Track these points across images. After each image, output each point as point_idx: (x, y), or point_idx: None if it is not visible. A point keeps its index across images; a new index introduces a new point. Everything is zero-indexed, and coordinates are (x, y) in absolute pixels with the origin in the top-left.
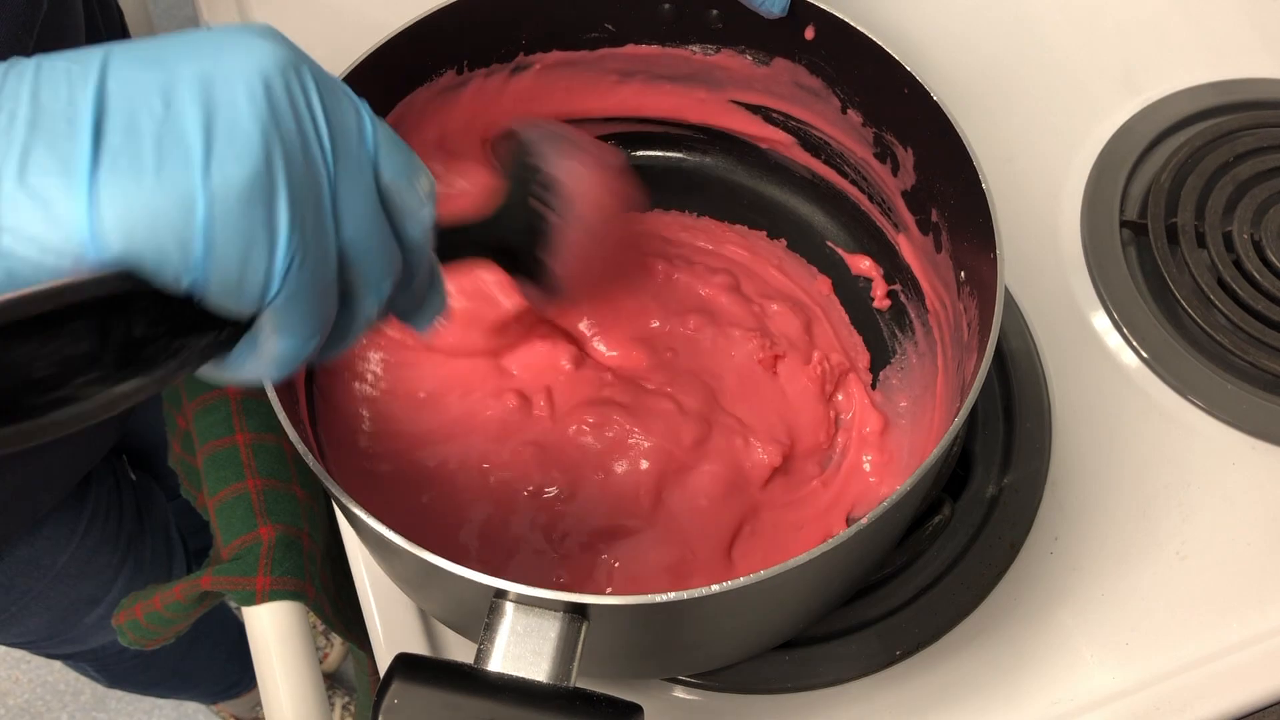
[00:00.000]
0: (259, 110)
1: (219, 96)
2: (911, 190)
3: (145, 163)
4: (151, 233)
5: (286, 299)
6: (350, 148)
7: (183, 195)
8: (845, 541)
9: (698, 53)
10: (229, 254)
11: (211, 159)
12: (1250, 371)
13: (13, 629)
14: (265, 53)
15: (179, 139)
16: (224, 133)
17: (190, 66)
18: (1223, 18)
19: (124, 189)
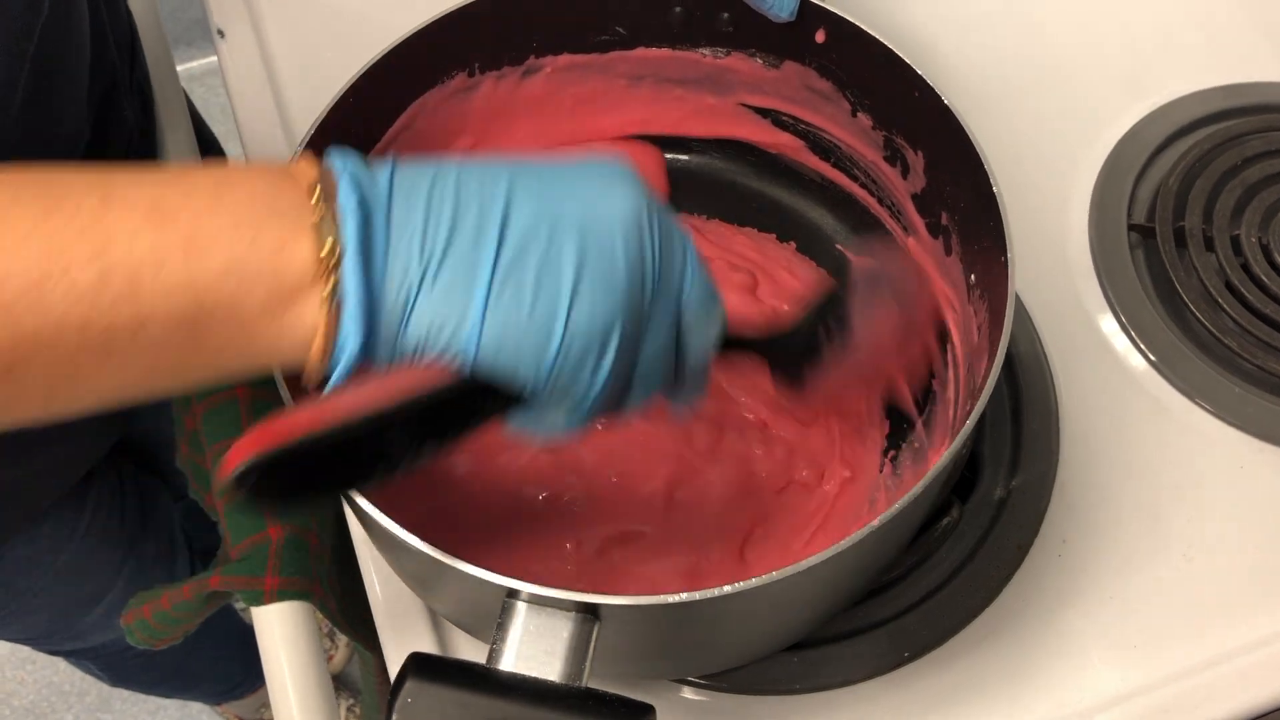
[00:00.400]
0: (619, 263)
1: (594, 241)
2: (922, 193)
3: (526, 292)
4: (514, 351)
5: (585, 403)
6: (671, 286)
7: (547, 329)
8: (856, 544)
9: (708, 56)
10: (564, 377)
11: (576, 299)
12: (1258, 375)
13: (13, 626)
14: (632, 200)
15: (555, 275)
16: (591, 277)
17: (574, 205)
18: (1230, 22)
19: (507, 312)
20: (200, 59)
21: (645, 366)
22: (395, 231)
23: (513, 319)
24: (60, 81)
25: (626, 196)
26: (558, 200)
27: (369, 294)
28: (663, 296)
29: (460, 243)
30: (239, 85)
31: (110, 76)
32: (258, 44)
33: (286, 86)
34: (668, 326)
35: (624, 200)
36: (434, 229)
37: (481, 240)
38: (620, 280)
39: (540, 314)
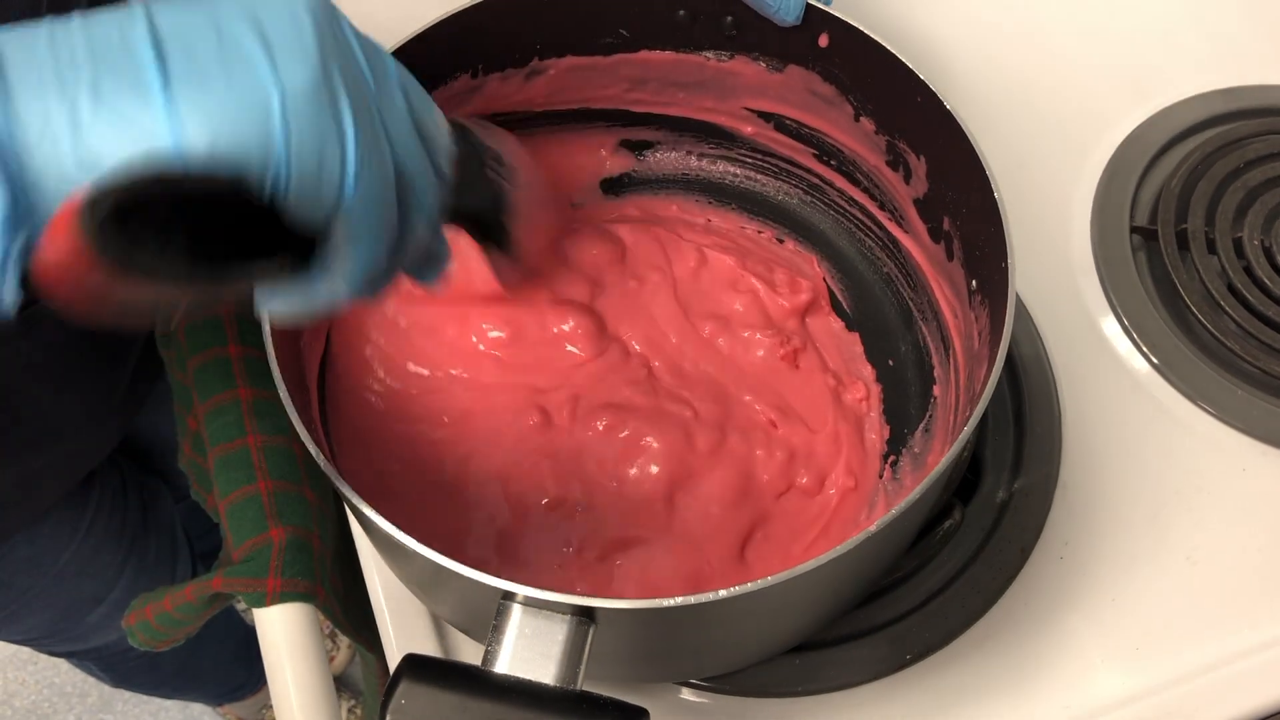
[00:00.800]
0: (308, 28)
1: (267, 21)
2: (924, 198)
3: (213, 76)
4: (234, 133)
5: (359, 201)
6: (386, 75)
7: (257, 96)
8: (852, 550)
9: (711, 59)
10: (307, 149)
11: (276, 64)
12: (1260, 377)
13: (15, 626)
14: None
15: (240, 54)
16: (281, 44)
17: (232, 5)
18: (1232, 24)
19: (199, 98)
20: None
21: (404, 167)
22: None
23: (211, 102)
24: None
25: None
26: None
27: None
28: (382, 82)
29: (108, 57)
30: None
31: None
32: None
33: None
34: (403, 119)
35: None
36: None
37: (131, 47)
38: (319, 37)
39: (241, 89)
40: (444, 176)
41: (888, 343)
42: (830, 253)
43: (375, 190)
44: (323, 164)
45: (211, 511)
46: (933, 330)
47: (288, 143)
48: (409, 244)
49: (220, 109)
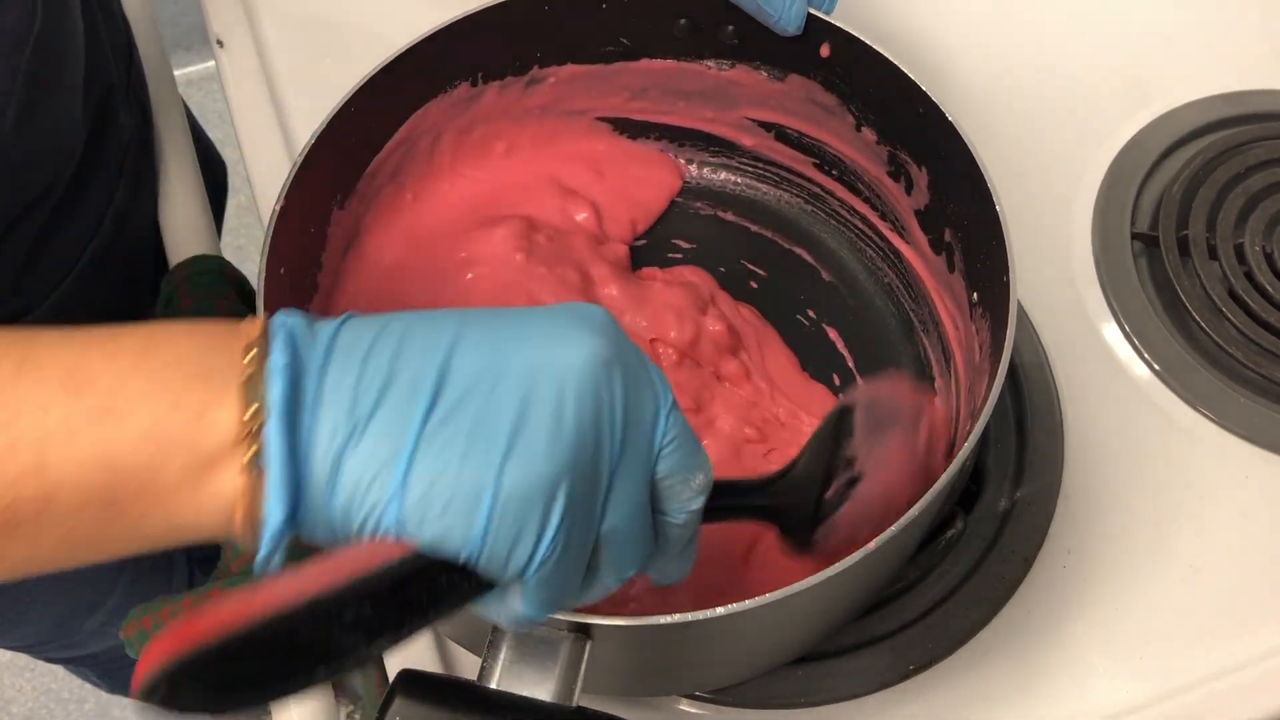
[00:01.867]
0: (567, 418)
1: (538, 394)
2: (925, 209)
3: (455, 448)
4: (441, 515)
5: (538, 580)
6: (639, 446)
7: (477, 486)
8: (851, 566)
9: (712, 68)
10: (501, 542)
11: (511, 457)
12: (1263, 384)
13: (12, 633)
14: (591, 346)
15: (491, 429)
16: (530, 433)
17: (524, 353)
18: (1233, 30)
19: (433, 470)
20: (198, 64)
21: (613, 538)
22: (328, 392)
23: (439, 477)
24: (55, 91)
25: (585, 342)
26: (507, 348)
27: (293, 459)
28: (629, 454)
29: (393, 397)
30: (239, 95)
31: (106, 84)
32: (257, 54)
33: (287, 97)
34: (636, 491)
35: (581, 346)
36: (367, 384)
37: (415, 393)
38: (568, 433)
39: (470, 471)
40: (679, 533)
41: (888, 354)
42: (831, 262)
43: (562, 572)
44: (512, 555)
45: None
46: (934, 342)
47: (484, 537)
48: (590, 595)
49: (445, 488)
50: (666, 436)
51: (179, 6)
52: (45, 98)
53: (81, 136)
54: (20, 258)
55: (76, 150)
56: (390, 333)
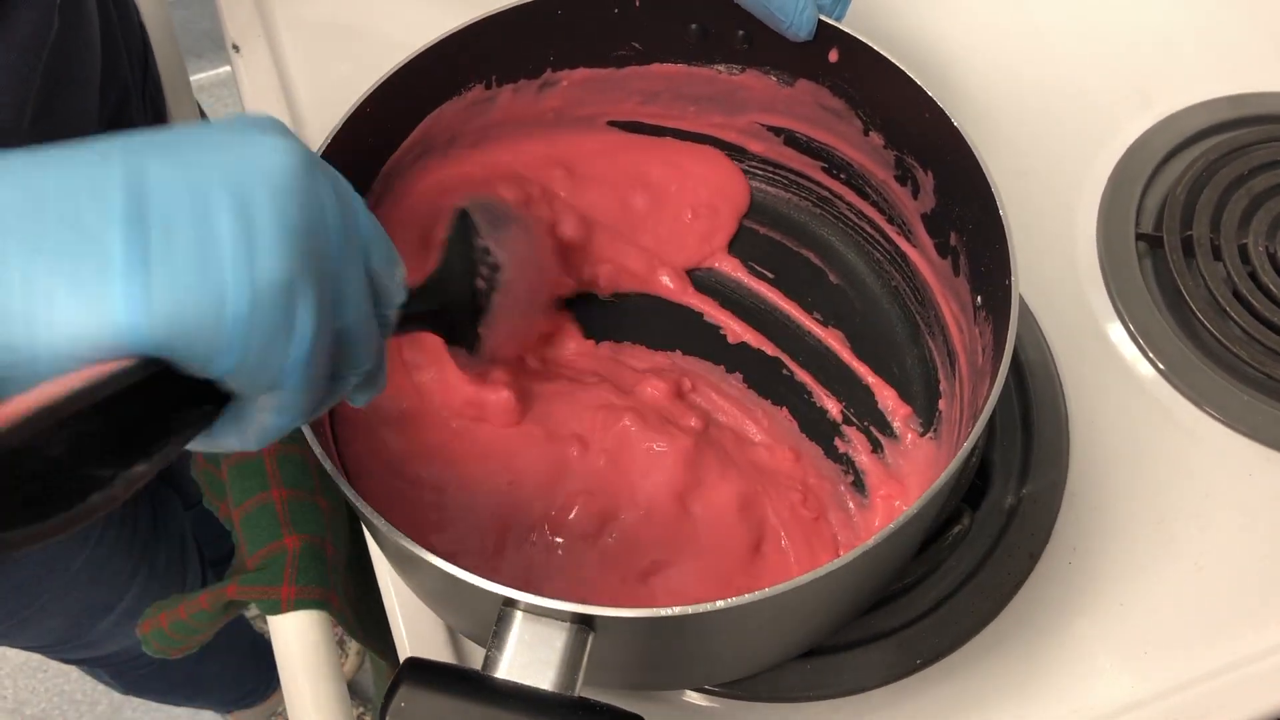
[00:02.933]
0: (290, 212)
1: (252, 192)
2: (931, 213)
3: (186, 260)
4: (186, 327)
5: (291, 385)
6: (354, 238)
7: (219, 292)
8: (851, 562)
9: (723, 72)
10: (256, 346)
11: (254, 253)
12: (1266, 383)
13: (27, 632)
14: (286, 153)
15: (217, 238)
16: (262, 233)
17: (218, 168)
18: (1238, 32)
19: (161, 286)
20: (210, 70)
21: (348, 335)
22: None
23: (178, 290)
24: (71, 95)
25: (282, 145)
26: (199, 164)
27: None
28: (350, 248)
29: (84, 225)
30: (254, 99)
31: (122, 89)
32: (272, 58)
33: (302, 100)
34: (360, 286)
35: (280, 150)
36: (39, 219)
37: (107, 216)
38: (298, 229)
39: (210, 279)
40: (388, 326)
41: (894, 355)
42: (839, 265)
43: (313, 372)
44: (268, 358)
45: (225, 520)
46: (939, 344)
47: (238, 341)
48: (331, 400)
49: (182, 299)
50: (373, 227)
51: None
52: (61, 101)
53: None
54: None
55: None
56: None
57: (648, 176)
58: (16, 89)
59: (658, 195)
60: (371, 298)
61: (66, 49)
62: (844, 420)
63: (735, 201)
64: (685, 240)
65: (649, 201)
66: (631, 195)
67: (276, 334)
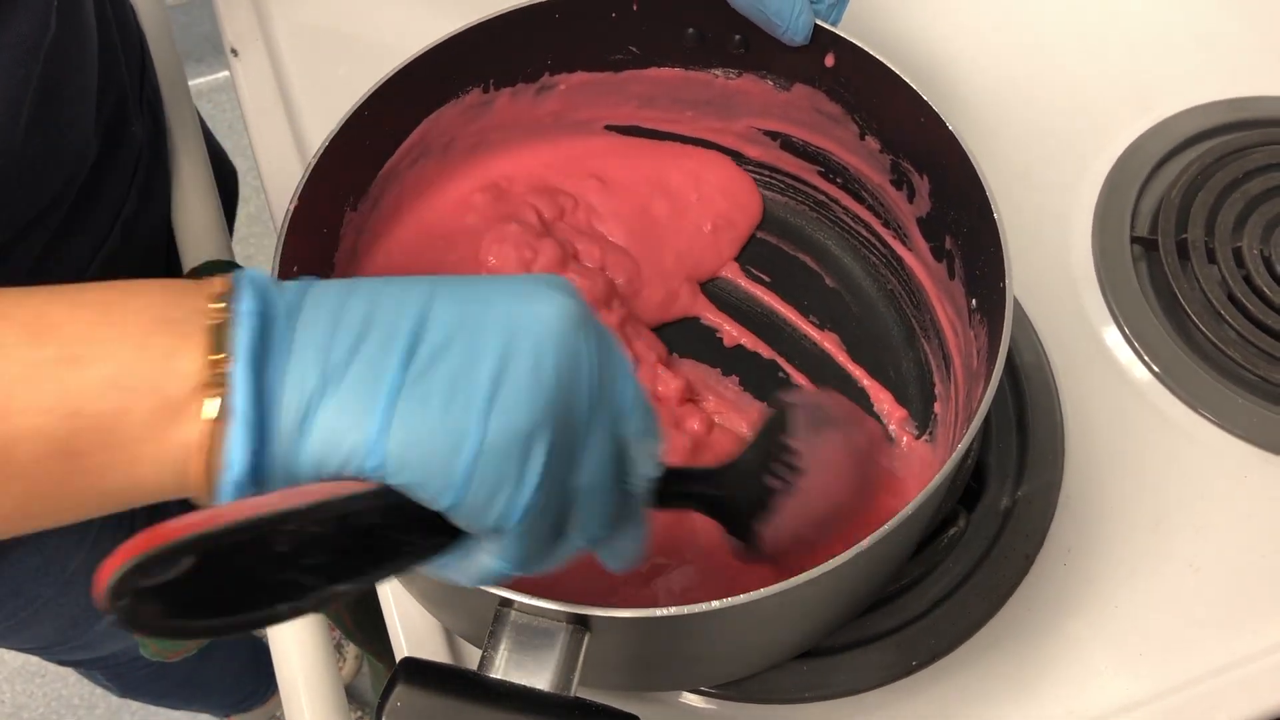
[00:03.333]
0: (547, 370)
1: (517, 347)
2: (927, 217)
3: (436, 398)
4: (423, 461)
5: (515, 534)
6: (610, 403)
7: (459, 434)
8: (843, 564)
9: (720, 77)
10: (482, 491)
11: (493, 408)
12: (1261, 385)
13: (24, 634)
14: (561, 307)
15: (470, 382)
16: (512, 384)
17: (499, 309)
18: (1233, 36)
19: (415, 416)
20: (209, 75)
21: (586, 492)
22: (299, 340)
23: (420, 424)
24: (68, 98)
25: (558, 300)
26: (481, 305)
27: (259, 404)
28: (601, 411)
29: (367, 349)
30: (252, 103)
31: (119, 92)
32: (271, 63)
33: (300, 104)
34: (606, 446)
35: (555, 305)
36: (341, 336)
37: (390, 345)
38: (547, 385)
39: (453, 419)
40: (636, 498)
41: (890, 359)
42: (835, 268)
43: (537, 527)
44: (491, 505)
45: None
46: (934, 347)
47: (467, 483)
48: (557, 557)
49: (426, 435)
50: (633, 397)
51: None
52: (58, 105)
53: (94, 144)
54: (30, 263)
55: (89, 158)
56: (362, 287)
57: (668, 184)
58: (12, 91)
59: (678, 205)
60: (616, 464)
61: (63, 52)
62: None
63: (751, 214)
64: (705, 255)
65: (670, 211)
66: (653, 204)
67: (504, 481)
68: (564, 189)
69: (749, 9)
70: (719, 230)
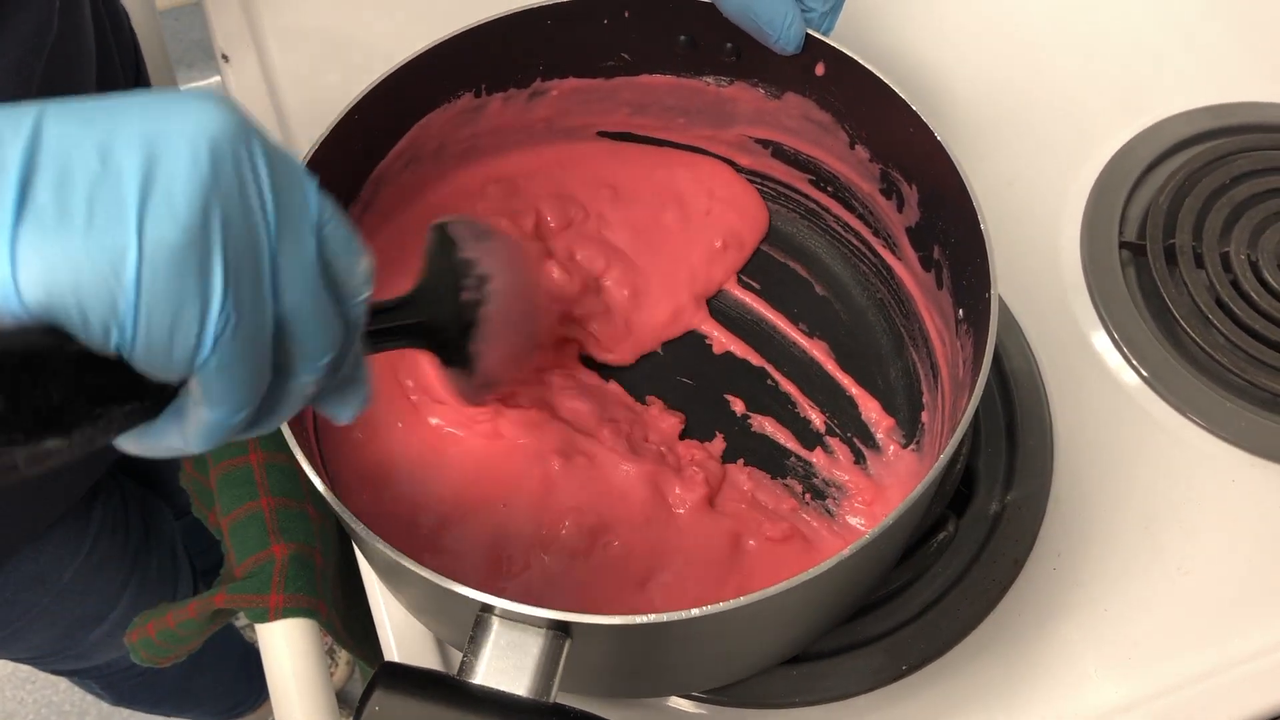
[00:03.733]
0: (200, 171)
1: (160, 155)
2: (915, 227)
3: (75, 217)
4: (76, 287)
5: (217, 367)
6: (293, 218)
7: (112, 251)
8: (826, 571)
9: (711, 84)
10: (158, 314)
11: (146, 216)
12: (1249, 390)
13: (18, 644)
14: (213, 118)
15: (114, 195)
16: (162, 191)
17: (133, 126)
18: (1219, 43)
19: (48, 242)
20: (200, 80)
21: (294, 310)
22: None
23: (61, 248)
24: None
25: (209, 112)
26: (113, 123)
27: None
28: (287, 227)
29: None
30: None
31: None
32: (261, 68)
33: (290, 109)
34: (305, 267)
35: (206, 116)
36: None
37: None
38: (206, 184)
39: (99, 239)
40: (355, 323)
41: (879, 367)
42: (825, 277)
43: (240, 354)
44: (175, 330)
45: (214, 529)
46: (922, 356)
47: (136, 306)
48: (287, 402)
49: (69, 259)
50: (325, 212)
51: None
52: None
53: None
54: None
55: None
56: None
57: (680, 196)
58: (15, 90)
59: (688, 218)
60: (323, 282)
61: (64, 54)
62: (827, 431)
63: (760, 229)
64: (714, 271)
65: (679, 223)
66: (664, 215)
67: (183, 304)
68: (575, 197)
69: (741, 18)
70: (729, 247)
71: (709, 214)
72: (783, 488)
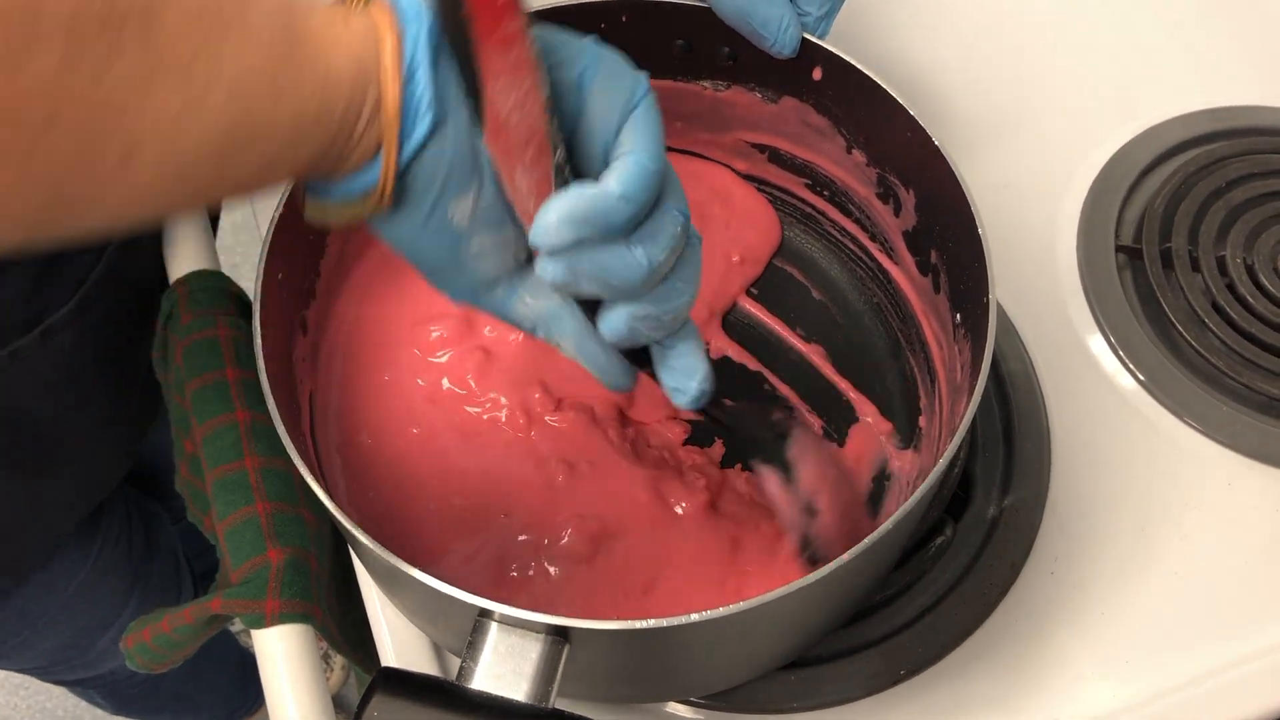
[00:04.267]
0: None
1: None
2: (912, 231)
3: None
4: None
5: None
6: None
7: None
8: (825, 576)
9: (708, 89)
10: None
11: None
12: (1245, 393)
13: (26, 653)
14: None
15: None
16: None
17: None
18: (1216, 47)
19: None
20: None
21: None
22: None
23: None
24: None
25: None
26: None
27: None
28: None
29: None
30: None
31: None
32: None
33: None
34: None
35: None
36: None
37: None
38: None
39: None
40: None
41: (876, 372)
42: (822, 281)
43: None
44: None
45: (209, 534)
46: (919, 361)
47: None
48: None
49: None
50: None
51: None
52: None
53: None
54: (41, 262)
55: None
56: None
57: (701, 207)
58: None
59: (705, 231)
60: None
61: None
62: (824, 436)
63: (773, 244)
64: (731, 287)
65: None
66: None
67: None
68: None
69: (737, 22)
70: (746, 263)
71: (726, 227)
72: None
